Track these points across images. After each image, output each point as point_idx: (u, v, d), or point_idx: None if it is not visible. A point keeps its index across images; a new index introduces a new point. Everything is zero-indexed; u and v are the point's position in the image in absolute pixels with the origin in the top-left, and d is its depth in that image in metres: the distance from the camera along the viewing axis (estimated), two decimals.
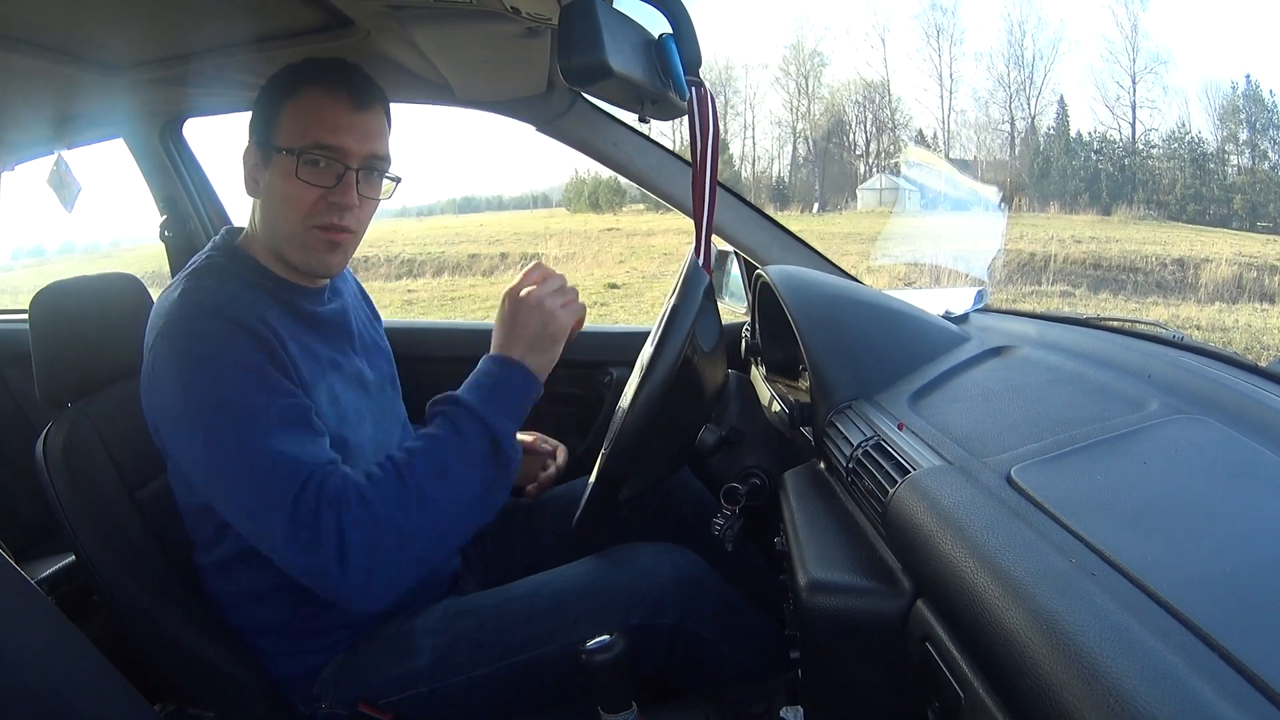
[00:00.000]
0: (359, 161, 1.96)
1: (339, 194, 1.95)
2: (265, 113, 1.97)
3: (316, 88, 1.94)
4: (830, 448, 1.84)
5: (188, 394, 1.76)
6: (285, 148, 1.92)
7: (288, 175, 1.92)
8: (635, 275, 25.02)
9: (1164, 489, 1.24)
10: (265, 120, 1.97)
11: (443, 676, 2.01)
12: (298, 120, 1.93)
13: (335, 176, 1.94)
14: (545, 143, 2.87)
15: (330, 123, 1.93)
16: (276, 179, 1.95)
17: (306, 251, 2.00)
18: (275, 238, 2.01)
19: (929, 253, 7.94)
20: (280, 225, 1.99)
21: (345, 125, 1.94)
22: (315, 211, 1.95)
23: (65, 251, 27.87)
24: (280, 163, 1.93)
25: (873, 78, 43.99)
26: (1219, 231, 30.08)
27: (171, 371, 1.78)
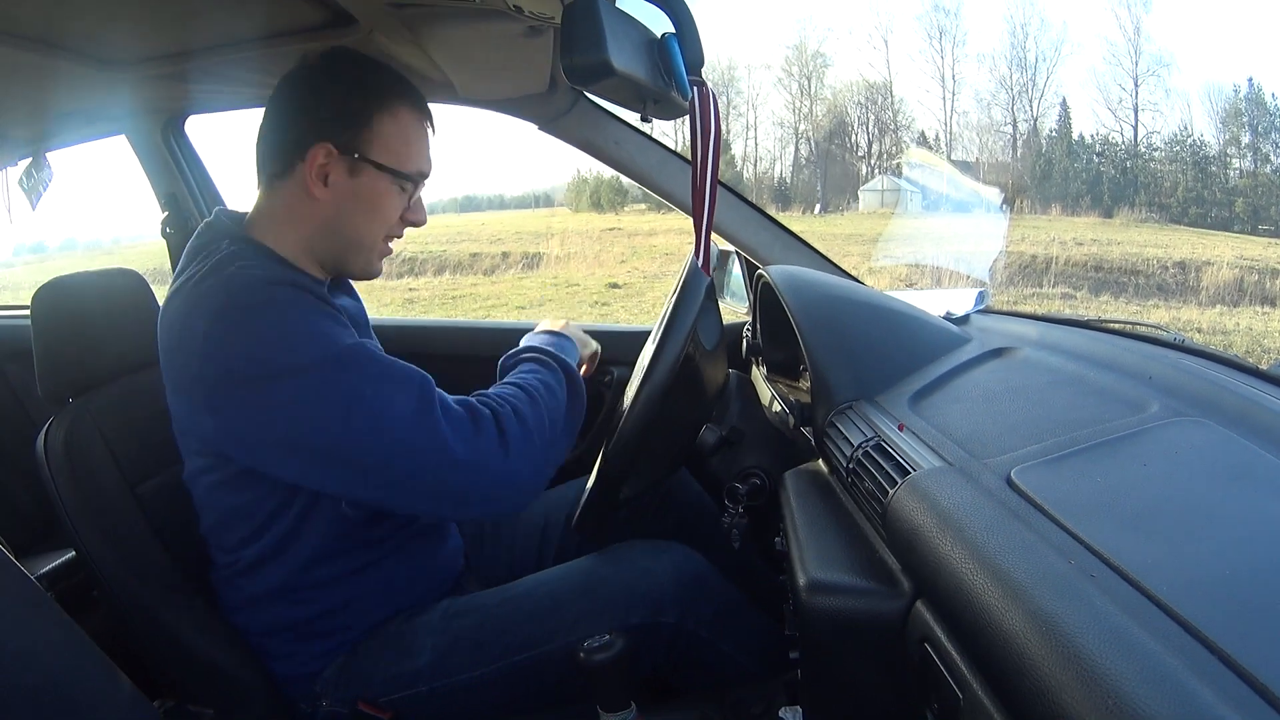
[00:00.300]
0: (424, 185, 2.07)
1: (414, 213, 2.07)
2: (348, 116, 1.95)
3: (409, 108, 2.00)
4: (830, 448, 1.84)
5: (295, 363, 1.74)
6: (388, 167, 1.96)
7: (388, 194, 1.99)
8: (637, 275, 25.03)
9: (1164, 491, 1.23)
10: (349, 124, 1.95)
11: (443, 675, 2.02)
12: (399, 140, 1.97)
13: (410, 198, 2.04)
14: (547, 142, 2.88)
15: (426, 152, 2.05)
16: (364, 190, 1.97)
17: (368, 259, 2.07)
18: (341, 244, 2.03)
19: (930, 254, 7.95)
20: (357, 234, 2.02)
21: (428, 151, 2.06)
22: (392, 228, 2.05)
23: (67, 248, 27.91)
24: (378, 179, 1.97)
25: (875, 79, 44.03)
26: (1220, 234, 30.10)
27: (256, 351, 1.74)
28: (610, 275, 25.07)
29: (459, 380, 2.68)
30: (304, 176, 1.94)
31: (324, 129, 1.94)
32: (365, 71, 1.99)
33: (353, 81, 1.97)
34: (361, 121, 1.94)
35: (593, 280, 24.43)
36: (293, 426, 1.75)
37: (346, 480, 1.80)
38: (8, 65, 2.23)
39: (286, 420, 1.75)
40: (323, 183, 1.95)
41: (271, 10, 2.09)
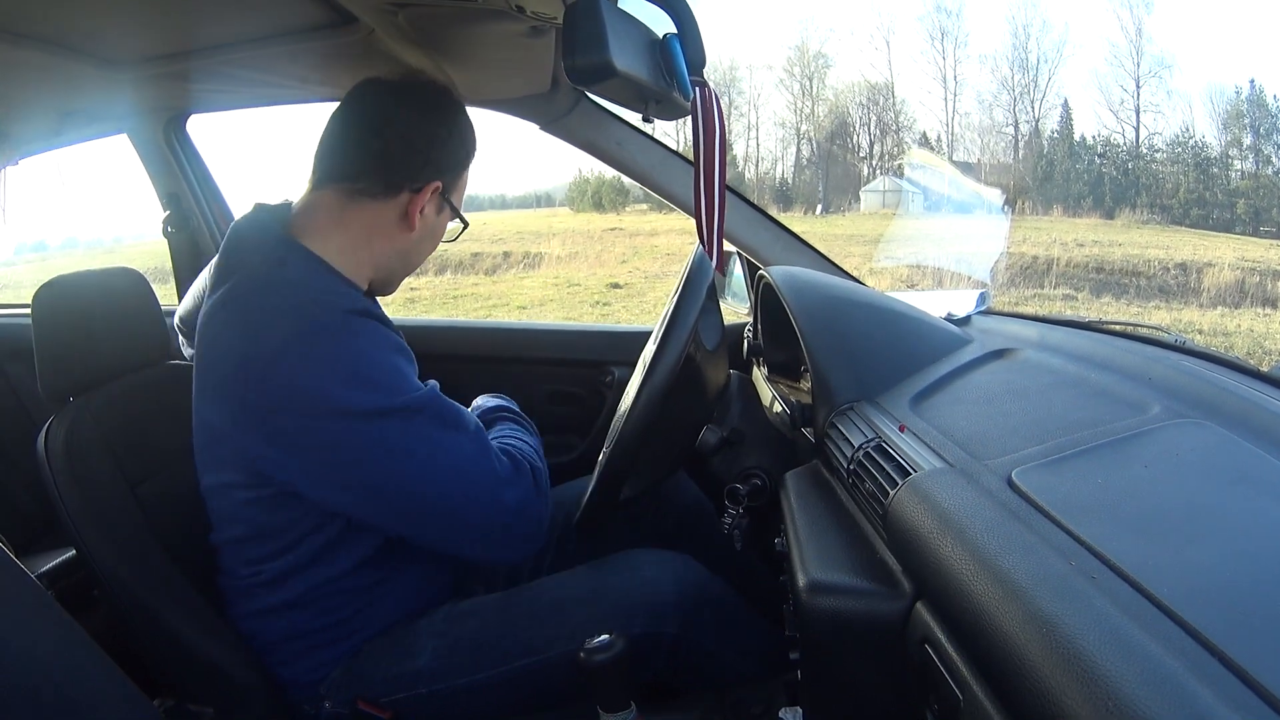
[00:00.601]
0: None
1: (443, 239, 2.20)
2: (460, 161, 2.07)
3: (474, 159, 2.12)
4: (831, 449, 1.84)
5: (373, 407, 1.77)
6: (458, 211, 2.12)
7: (441, 224, 2.13)
8: (638, 275, 25.02)
9: (1165, 493, 1.23)
10: (456, 168, 2.06)
11: (442, 678, 2.02)
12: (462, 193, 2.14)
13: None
14: (549, 142, 2.88)
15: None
16: (440, 227, 2.13)
17: (399, 279, 2.21)
18: (404, 268, 2.17)
19: (932, 255, 7.96)
20: (418, 262, 2.20)
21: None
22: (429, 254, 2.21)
23: (68, 247, 27.88)
24: (447, 217, 2.12)
25: (877, 80, 43.96)
26: (1222, 236, 30.07)
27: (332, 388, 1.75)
28: (611, 275, 25.06)
29: (459, 380, 2.69)
30: (407, 205, 1.99)
31: (443, 168, 2.01)
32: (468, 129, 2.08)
33: (468, 127, 2.07)
34: (462, 168, 2.07)
35: (594, 280, 24.42)
36: (361, 468, 1.80)
37: (403, 521, 1.91)
38: (9, 64, 2.23)
39: (355, 461, 1.79)
40: (419, 216, 2.01)
41: (272, 9, 2.09)
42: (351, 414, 1.74)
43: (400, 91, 1.99)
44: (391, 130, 1.97)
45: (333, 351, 1.76)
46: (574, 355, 3.32)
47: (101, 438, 2.08)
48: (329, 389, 1.73)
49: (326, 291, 1.88)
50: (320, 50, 2.27)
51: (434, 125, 1.99)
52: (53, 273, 2.22)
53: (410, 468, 1.80)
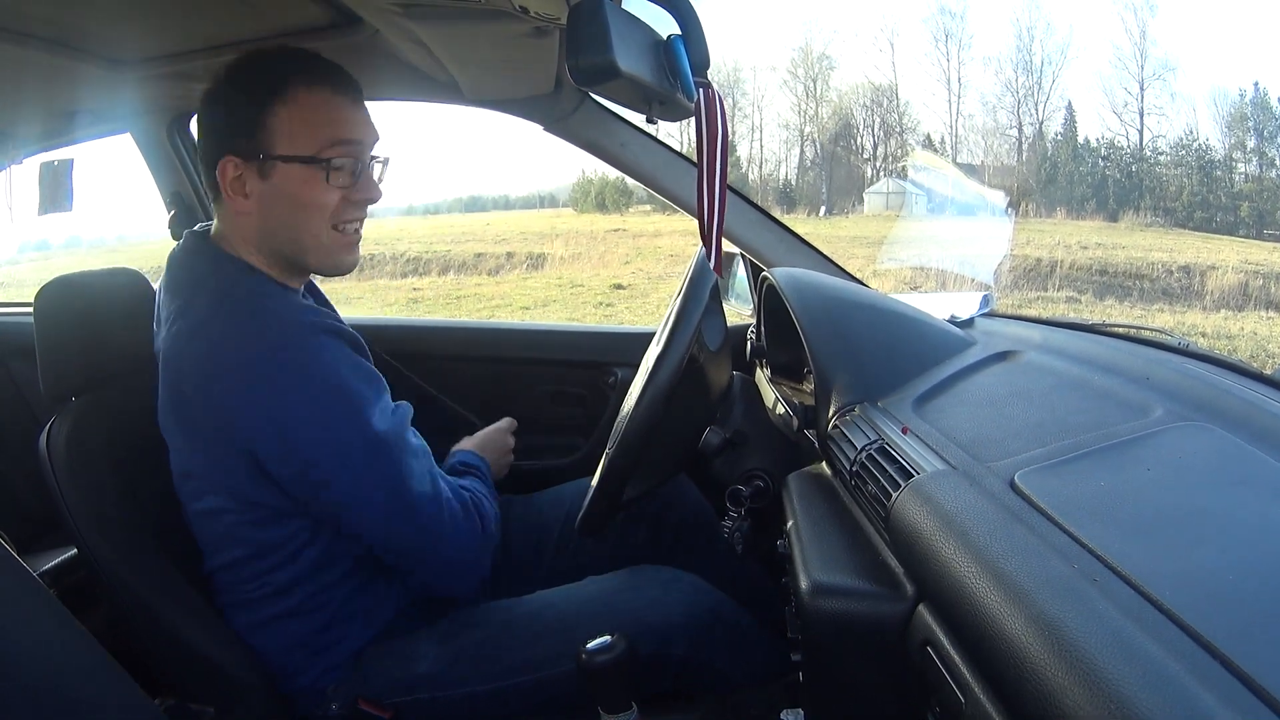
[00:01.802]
0: (371, 152, 1.98)
1: (362, 189, 1.97)
2: (242, 118, 1.90)
3: (310, 87, 1.90)
4: (834, 451, 1.84)
5: (324, 419, 1.82)
6: (296, 155, 1.88)
7: (308, 182, 1.90)
8: (641, 276, 25.01)
9: (1167, 496, 1.23)
10: (245, 127, 1.90)
11: (443, 686, 2.03)
12: (302, 121, 1.89)
13: (352, 173, 1.93)
14: (552, 142, 2.88)
15: (341, 118, 1.92)
16: (287, 188, 1.91)
17: (328, 255, 2.00)
18: (288, 247, 1.98)
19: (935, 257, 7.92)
20: (295, 233, 1.96)
21: (354, 119, 1.94)
22: (337, 213, 1.95)
23: (71, 246, 27.86)
24: (289, 172, 1.90)
25: (881, 81, 43.96)
26: (1225, 239, 30.03)
27: (295, 400, 1.80)
28: (615, 276, 25.05)
29: (462, 381, 2.69)
30: (226, 193, 1.94)
31: (224, 142, 1.92)
32: (253, 71, 1.93)
33: (240, 85, 1.92)
34: (255, 123, 1.89)
35: (597, 281, 24.42)
36: (329, 490, 1.88)
37: (369, 540, 1.99)
38: (14, 64, 2.24)
39: (324, 482, 1.86)
40: (243, 195, 1.93)
41: (276, 10, 2.10)
42: (321, 440, 1.82)
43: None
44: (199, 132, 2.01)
45: (294, 376, 1.81)
46: (577, 356, 3.31)
47: (103, 437, 2.08)
48: (297, 413, 1.80)
49: (280, 307, 1.92)
50: (324, 51, 2.25)
51: (208, 108, 1.97)
52: (56, 271, 2.22)
53: (367, 497, 1.88)
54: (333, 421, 1.83)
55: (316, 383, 1.82)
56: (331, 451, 1.83)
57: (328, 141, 1.89)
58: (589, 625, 1.98)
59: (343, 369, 1.86)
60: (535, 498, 2.62)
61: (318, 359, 1.84)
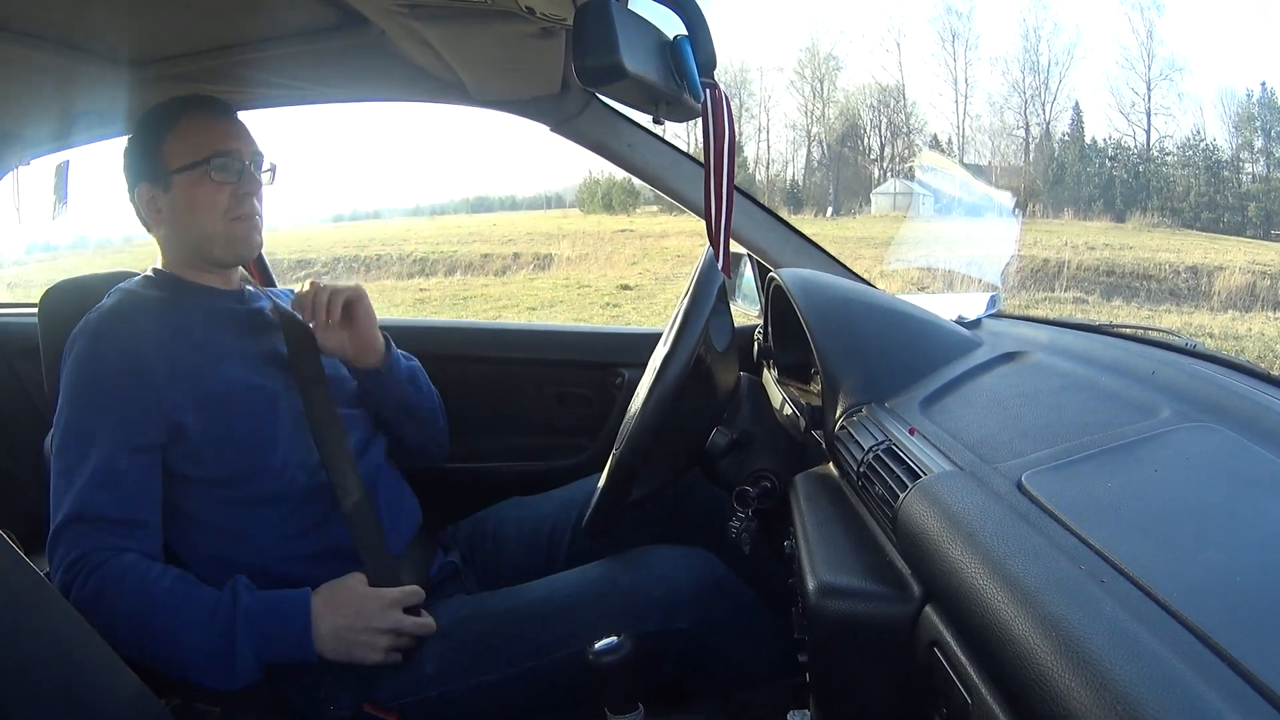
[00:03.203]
0: (249, 157, 2.27)
1: (246, 184, 2.26)
2: (145, 151, 2.26)
3: (191, 114, 2.26)
4: (841, 451, 1.83)
5: (63, 398, 2.10)
6: (186, 165, 2.20)
7: (198, 184, 2.21)
8: (648, 277, 25.01)
9: (1175, 497, 1.23)
10: (147, 158, 2.25)
11: (451, 681, 2.03)
12: (187, 141, 2.22)
13: (237, 173, 2.24)
14: (559, 143, 2.88)
15: (217, 132, 2.25)
16: (185, 194, 2.23)
17: (231, 243, 2.28)
18: (198, 244, 2.29)
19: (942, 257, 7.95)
20: (201, 230, 2.26)
21: (227, 132, 2.27)
22: (230, 206, 2.24)
23: (78, 246, 27.91)
24: (184, 181, 2.22)
25: (888, 82, 43.84)
26: (1233, 239, 29.96)
27: (64, 378, 2.11)
28: (621, 277, 25.04)
29: (468, 382, 2.69)
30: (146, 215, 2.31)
31: (137, 174, 2.29)
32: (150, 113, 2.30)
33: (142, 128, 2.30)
34: (157, 148, 2.24)
35: (604, 281, 24.41)
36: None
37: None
38: (20, 65, 2.25)
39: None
40: (157, 212, 2.29)
41: (282, 10, 2.10)
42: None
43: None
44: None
45: (69, 359, 2.15)
46: (584, 357, 3.31)
47: None
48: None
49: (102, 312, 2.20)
50: (330, 51, 2.28)
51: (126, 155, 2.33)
52: (62, 272, 2.25)
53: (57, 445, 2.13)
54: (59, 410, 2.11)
55: (70, 365, 2.12)
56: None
57: (211, 150, 2.21)
58: (594, 606, 2.06)
59: (86, 360, 2.11)
60: (544, 499, 2.62)
61: (81, 351, 2.12)
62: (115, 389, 2.05)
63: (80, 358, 2.09)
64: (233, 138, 2.25)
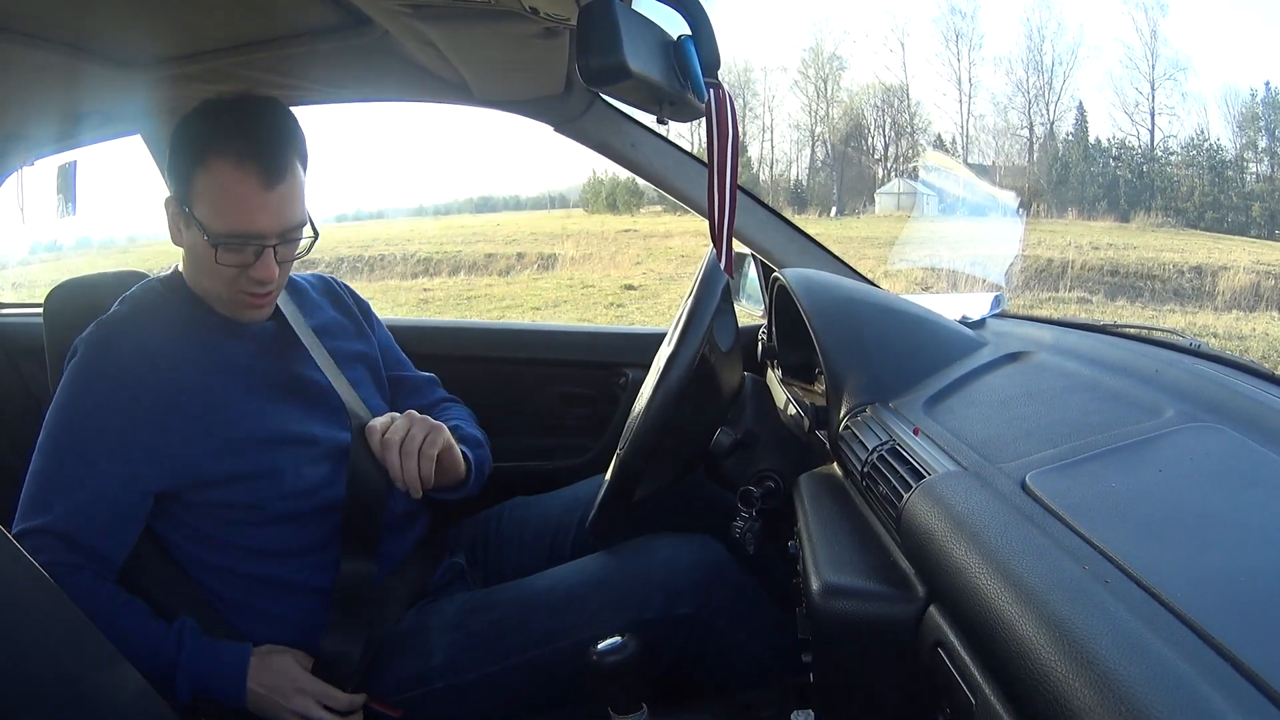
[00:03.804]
0: (275, 239, 2.01)
1: (260, 269, 2.01)
2: (179, 170, 2.02)
3: (225, 162, 1.94)
4: (845, 451, 1.84)
5: (56, 405, 2.05)
6: (203, 227, 1.97)
7: (206, 253, 1.99)
8: (652, 277, 24.98)
9: (1179, 497, 1.23)
10: (180, 179, 2.02)
11: (458, 673, 2.04)
12: (210, 201, 1.97)
13: (253, 255, 1.99)
14: (563, 143, 2.88)
15: (243, 208, 1.96)
16: (198, 246, 2.01)
17: (231, 309, 2.12)
18: (202, 291, 2.14)
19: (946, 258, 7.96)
20: (205, 286, 2.11)
21: (258, 207, 1.97)
22: (236, 282, 2.03)
23: (82, 246, 27.93)
24: (198, 236, 1.99)
25: (891, 82, 43.73)
26: (1237, 239, 29.89)
27: (63, 387, 2.05)
28: (625, 277, 25.01)
29: (472, 381, 2.68)
30: (170, 225, 2.11)
31: (170, 184, 2.07)
32: (197, 122, 2.02)
33: (185, 134, 2.03)
34: (187, 176, 1.99)
35: (608, 282, 24.38)
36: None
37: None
38: (25, 66, 2.24)
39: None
40: (179, 231, 2.09)
41: (287, 11, 2.10)
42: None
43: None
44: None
45: (71, 367, 2.08)
46: (588, 357, 3.31)
47: None
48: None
49: (114, 322, 2.12)
50: (334, 52, 2.28)
51: (170, 143, 2.08)
52: (67, 272, 2.25)
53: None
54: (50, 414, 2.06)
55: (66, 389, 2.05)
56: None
57: (228, 229, 1.96)
58: (597, 593, 2.08)
59: (88, 380, 2.04)
60: (549, 499, 2.62)
61: (83, 361, 2.05)
62: (105, 417, 2.00)
63: (78, 373, 2.04)
64: (260, 215, 1.97)
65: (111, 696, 1.55)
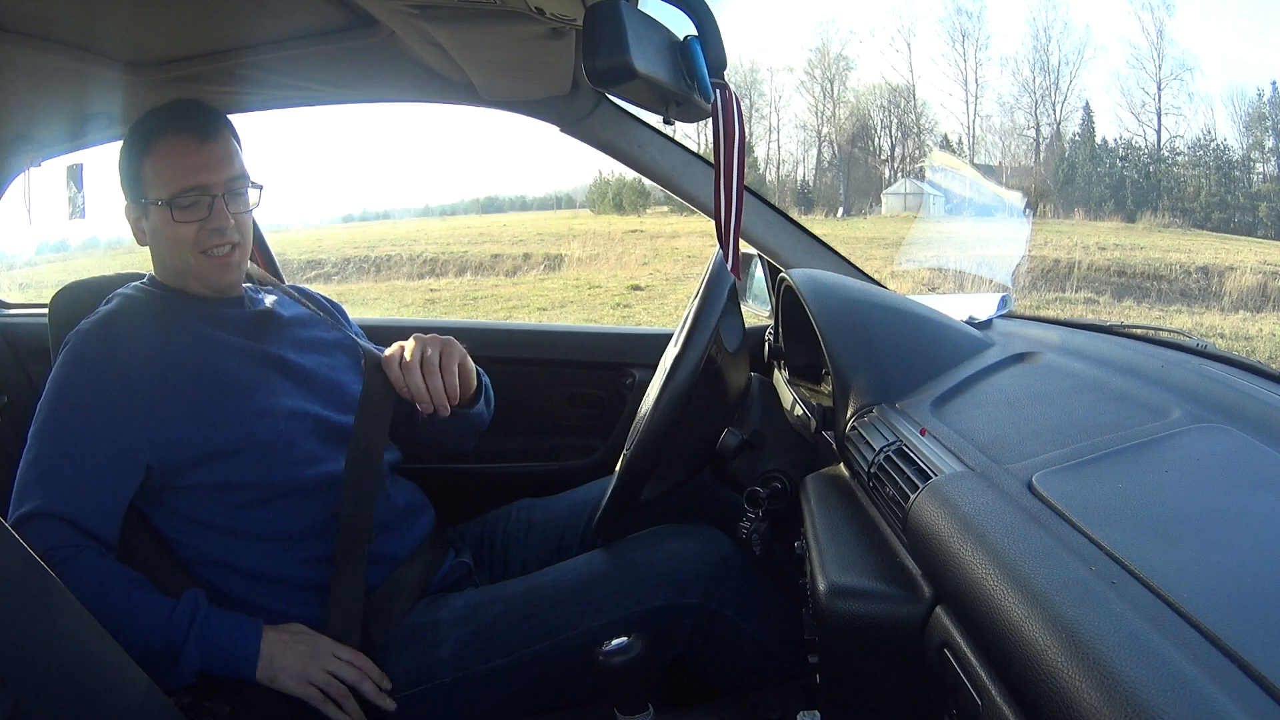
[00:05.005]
0: (222, 188, 2.19)
1: (214, 220, 2.18)
2: (130, 172, 2.22)
3: (165, 137, 2.18)
4: (852, 452, 1.84)
5: (47, 395, 2.11)
6: (157, 199, 2.17)
7: (166, 220, 2.17)
8: (659, 277, 24.98)
9: (1186, 498, 1.23)
10: (132, 179, 2.22)
11: (466, 665, 2.05)
12: (158, 172, 2.17)
13: (206, 208, 2.17)
14: (569, 144, 2.88)
15: (186, 165, 2.16)
16: (159, 225, 2.21)
17: (203, 278, 2.25)
18: (175, 274, 2.28)
19: (953, 258, 7.94)
20: (173, 262, 2.26)
21: (198, 164, 2.17)
22: (199, 241, 2.19)
23: (89, 247, 27.97)
24: (157, 212, 2.19)
25: (898, 82, 43.78)
26: (1244, 240, 29.85)
27: (52, 378, 2.13)
28: (632, 277, 25.01)
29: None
30: (134, 233, 2.30)
31: (125, 192, 2.27)
32: (134, 130, 2.24)
33: (127, 144, 2.24)
34: (138, 172, 2.20)
35: (614, 282, 24.39)
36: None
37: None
38: (33, 67, 2.26)
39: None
40: (142, 233, 2.28)
41: (293, 13, 2.11)
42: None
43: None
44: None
45: (61, 360, 2.17)
46: (594, 357, 3.31)
47: None
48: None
49: (103, 315, 2.22)
50: (340, 53, 2.29)
51: (120, 167, 2.28)
52: (73, 273, 2.27)
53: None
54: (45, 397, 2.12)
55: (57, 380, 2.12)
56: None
57: (178, 186, 2.16)
58: (604, 584, 2.09)
59: (76, 365, 2.12)
60: (554, 501, 2.63)
61: (72, 353, 2.13)
62: (99, 399, 2.07)
63: (69, 360, 2.11)
64: (203, 169, 2.17)
65: (119, 698, 1.56)
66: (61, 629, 1.51)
